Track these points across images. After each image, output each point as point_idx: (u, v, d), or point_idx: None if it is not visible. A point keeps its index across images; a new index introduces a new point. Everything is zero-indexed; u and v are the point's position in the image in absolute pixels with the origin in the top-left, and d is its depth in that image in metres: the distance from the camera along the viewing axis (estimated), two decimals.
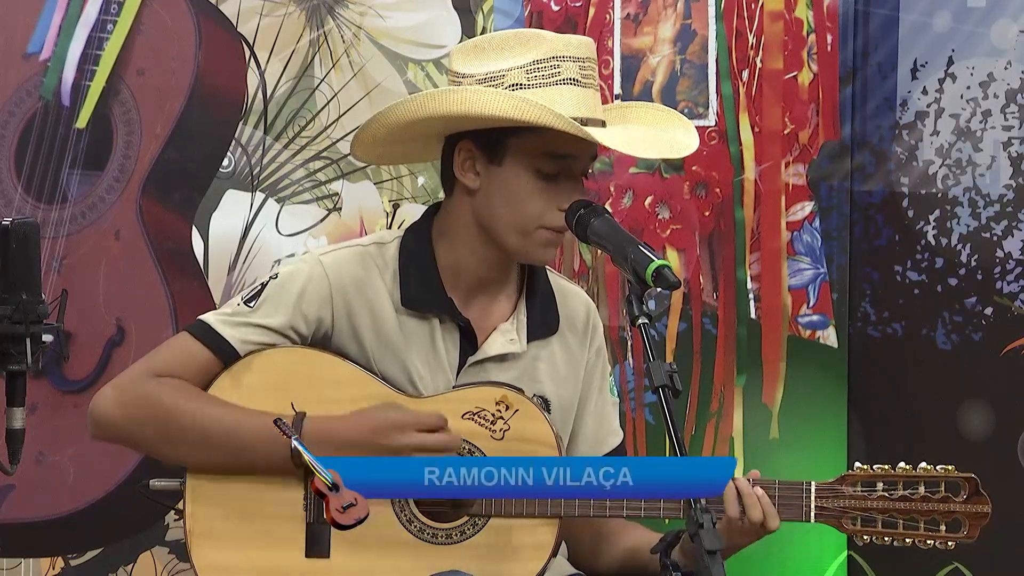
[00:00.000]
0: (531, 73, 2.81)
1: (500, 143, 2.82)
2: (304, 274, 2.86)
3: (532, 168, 2.81)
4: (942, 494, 2.81)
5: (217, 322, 2.86)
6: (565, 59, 2.81)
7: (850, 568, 4.21)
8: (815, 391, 4.25)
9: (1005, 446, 4.12)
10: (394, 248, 2.90)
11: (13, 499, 3.96)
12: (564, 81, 2.80)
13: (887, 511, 2.81)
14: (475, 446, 2.83)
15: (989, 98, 4.17)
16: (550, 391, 2.93)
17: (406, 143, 2.94)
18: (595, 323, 3.01)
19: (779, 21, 4.21)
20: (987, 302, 4.17)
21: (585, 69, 2.83)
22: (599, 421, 3.01)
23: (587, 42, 2.88)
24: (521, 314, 2.93)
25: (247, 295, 2.88)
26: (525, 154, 2.81)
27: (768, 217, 4.23)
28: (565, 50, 2.82)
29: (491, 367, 2.90)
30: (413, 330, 2.88)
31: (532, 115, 2.75)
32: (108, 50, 4.00)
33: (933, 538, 2.80)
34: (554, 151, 2.80)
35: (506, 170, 2.82)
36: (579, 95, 2.81)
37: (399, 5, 4.10)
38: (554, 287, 2.98)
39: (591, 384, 3.00)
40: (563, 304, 2.97)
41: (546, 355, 2.94)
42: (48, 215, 3.98)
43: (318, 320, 2.86)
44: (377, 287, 2.87)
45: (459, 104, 2.79)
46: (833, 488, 2.83)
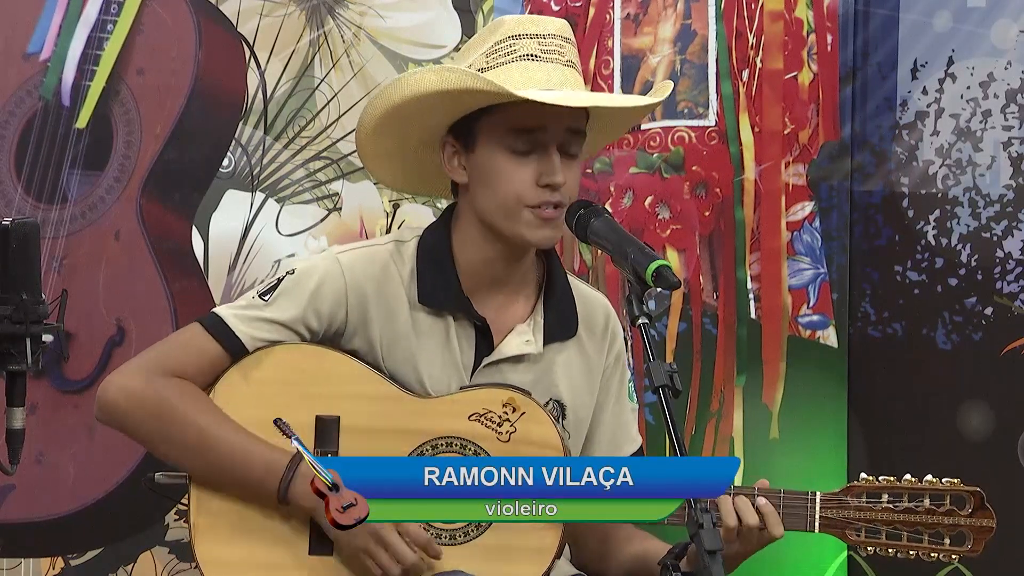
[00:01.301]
0: (490, 56, 2.82)
1: (470, 129, 2.83)
2: (321, 270, 2.87)
3: (503, 147, 2.81)
4: (947, 507, 2.80)
5: (230, 316, 2.86)
6: (521, 37, 2.82)
7: (850, 568, 4.21)
8: (815, 391, 4.25)
9: (1005, 446, 4.12)
10: (413, 246, 2.90)
11: (13, 499, 3.96)
12: (521, 58, 2.81)
13: (891, 523, 2.81)
14: (481, 448, 2.82)
15: (989, 98, 4.17)
16: (566, 395, 2.93)
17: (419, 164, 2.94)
18: (614, 329, 3.00)
19: (779, 21, 4.22)
20: (987, 302, 4.17)
21: (546, 45, 2.82)
22: (615, 428, 3.00)
23: (556, 21, 2.87)
24: (539, 316, 2.92)
25: (263, 288, 2.88)
26: (494, 134, 2.81)
27: (768, 217, 4.23)
28: (520, 28, 2.83)
29: (506, 368, 2.89)
30: (427, 328, 2.87)
31: (455, 82, 2.76)
32: (108, 50, 4.00)
33: (937, 551, 2.79)
34: (520, 126, 2.80)
35: (480, 154, 2.83)
36: (535, 69, 2.81)
37: (399, 5, 4.10)
38: (574, 291, 2.97)
39: (608, 390, 2.99)
40: (582, 308, 2.96)
41: (563, 359, 2.94)
42: (48, 215, 3.98)
43: (331, 317, 2.86)
44: (393, 286, 2.87)
45: (399, 92, 2.81)
46: (838, 499, 2.82)
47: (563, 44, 2.84)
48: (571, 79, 2.83)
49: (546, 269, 2.95)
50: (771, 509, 2.78)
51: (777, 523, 2.78)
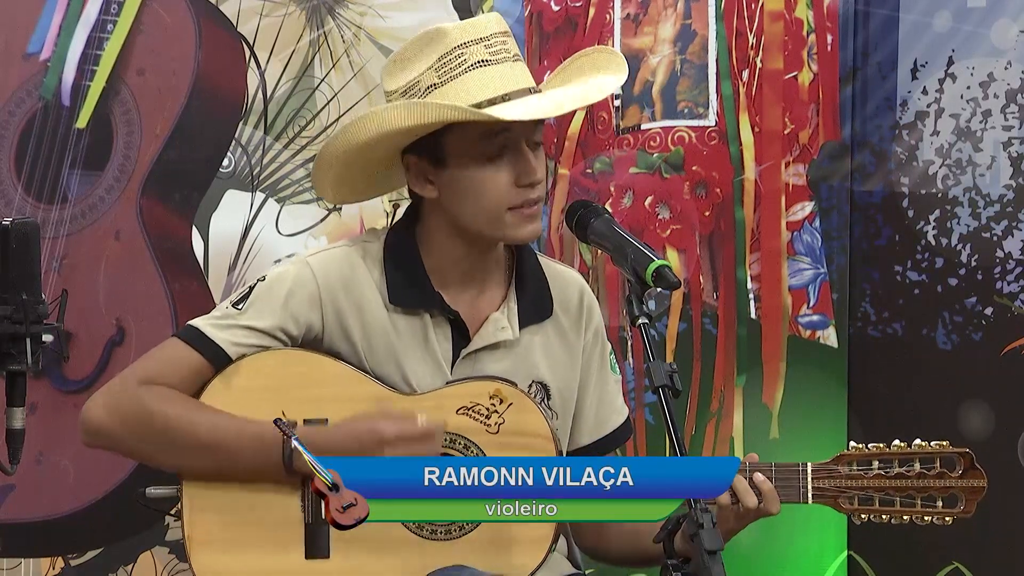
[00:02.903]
0: (440, 71, 2.81)
1: (437, 145, 2.81)
2: (292, 276, 2.86)
3: (475, 156, 2.80)
4: (938, 470, 2.81)
5: (206, 326, 2.85)
6: (468, 44, 2.81)
7: (850, 568, 4.21)
8: (815, 391, 4.25)
9: (1005, 446, 4.12)
10: (378, 248, 2.90)
11: (13, 499, 3.96)
12: (472, 67, 2.80)
13: (883, 489, 2.81)
14: (471, 441, 2.83)
15: (989, 98, 4.17)
16: (548, 376, 2.93)
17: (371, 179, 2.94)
18: (590, 304, 2.99)
19: (779, 21, 4.22)
20: (987, 302, 4.17)
21: (492, 46, 2.82)
22: (600, 401, 2.99)
23: (489, 18, 2.86)
24: (511, 302, 2.92)
25: (235, 298, 2.88)
26: (462, 145, 2.80)
27: (768, 217, 4.23)
28: (464, 36, 2.81)
29: (485, 357, 2.89)
30: (405, 327, 2.87)
31: (431, 116, 2.75)
32: (108, 50, 4.00)
33: (930, 514, 2.80)
34: (486, 130, 2.79)
35: (453, 169, 2.82)
36: (490, 74, 2.79)
37: (399, 5, 4.10)
38: (546, 271, 2.96)
39: (590, 366, 2.99)
40: (556, 288, 2.96)
41: (541, 340, 2.93)
42: (48, 215, 3.98)
43: (308, 322, 2.85)
44: (366, 286, 2.87)
45: (365, 131, 2.79)
46: (829, 468, 2.83)
47: (505, 40, 2.84)
48: (522, 75, 2.83)
49: (515, 254, 2.95)
50: (770, 487, 2.78)
51: (775, 500, 2.78)
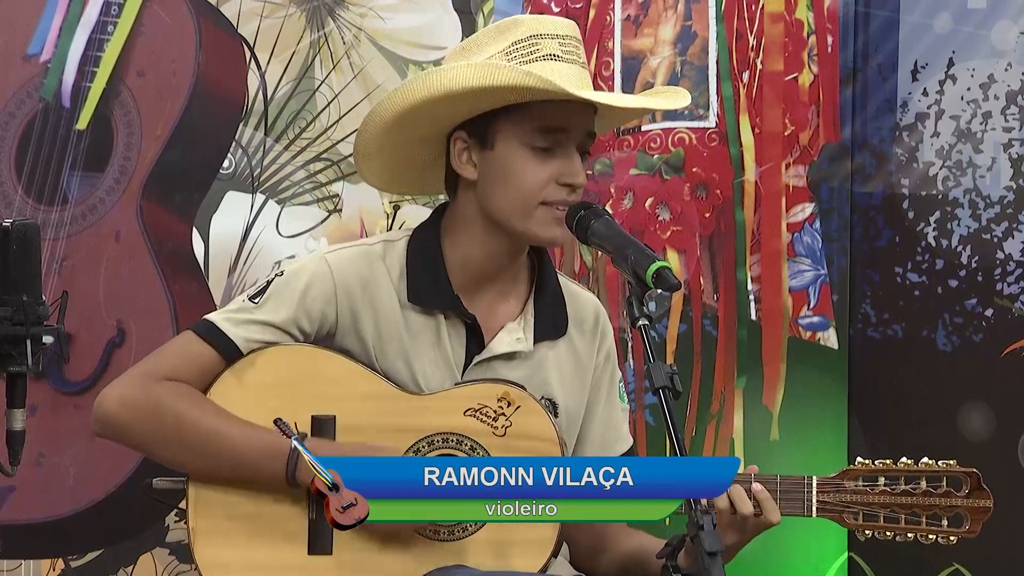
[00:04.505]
0: (511, 54, 2.82)
1: (490, 126, 2.82)
2: (309, 271, 2.87)
3: (525, 144, 2.81)
4: (944, 489, 2.81)
5: (222, 320, 2.87)
6: (543, 37, 2.82)
7: (850, 569, 4.21)
8: (815, 393, 4.25)
9: (1005, 448, 4.12)
10: (402, 246, 2.91)
11: (13, 500, 3.96)
12: (544, 57, 2.81)
13: (889, 506, 2.81)
14: (477, 442, 2.83)
15: (989, 99, 4.17)
16: (558, 393, 2.93)
17: (412, 163, 2.94)
18: (604, 328, 3.00)
19: (779, 23, 4.22)
20: (987, 303, 4.17)
21: (565, 45, 2.83)
22: (606, 427, 3.00)
23: (567, 22, 2.88)
24: (529, 314, 2.93)
25: (252, 292, 2.89)
26: (516, 132, 2.81)
27: (768, 218, 4.23)
28: (542, 28, 2.83)
29: (498, 366, 2.90)
30: (419, 327, 2.88)
31: (504, 78, 2.75)
32: (108, 51, 4.00)
33: (935, 533, 2.80)
34: (544, 125, 2.80)
35: (499, 152, 2.82)
36: (560, 69, 2.80)
37: (399, 7, 4.10)
38: (564, 290, 2.98)
39: (599, 390, 3.00)
40: (572, 307, 2.97)
41: (553, 357, 2.94)
42: (48, 216, 3.98)
43: (322, 317, 2.86)
44: (382, 285, 2.88)
45: (437, 84, 2.79)
46: (835, 483, 2.83)
47: (577, 46, 2.86)
48: (587, 81, 2.85)
49: (537, 268, 2.95)
50: (767, 495, 2.78)
51: (773, 509, 2.78)
